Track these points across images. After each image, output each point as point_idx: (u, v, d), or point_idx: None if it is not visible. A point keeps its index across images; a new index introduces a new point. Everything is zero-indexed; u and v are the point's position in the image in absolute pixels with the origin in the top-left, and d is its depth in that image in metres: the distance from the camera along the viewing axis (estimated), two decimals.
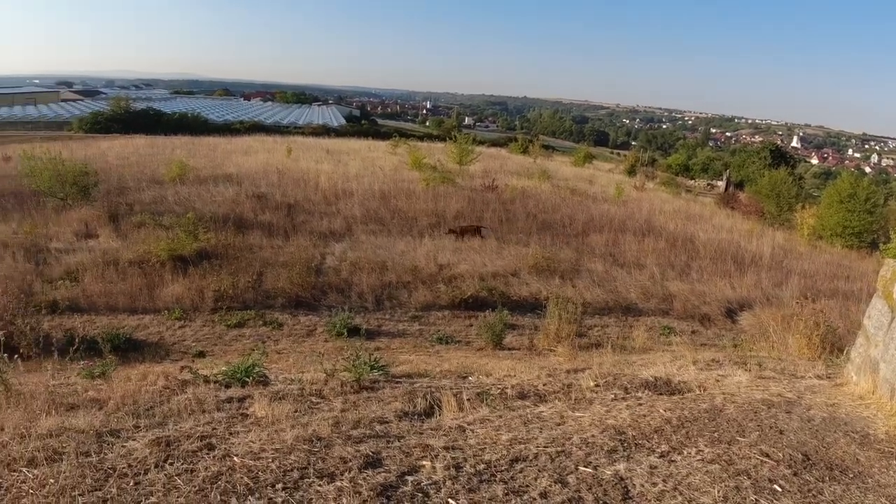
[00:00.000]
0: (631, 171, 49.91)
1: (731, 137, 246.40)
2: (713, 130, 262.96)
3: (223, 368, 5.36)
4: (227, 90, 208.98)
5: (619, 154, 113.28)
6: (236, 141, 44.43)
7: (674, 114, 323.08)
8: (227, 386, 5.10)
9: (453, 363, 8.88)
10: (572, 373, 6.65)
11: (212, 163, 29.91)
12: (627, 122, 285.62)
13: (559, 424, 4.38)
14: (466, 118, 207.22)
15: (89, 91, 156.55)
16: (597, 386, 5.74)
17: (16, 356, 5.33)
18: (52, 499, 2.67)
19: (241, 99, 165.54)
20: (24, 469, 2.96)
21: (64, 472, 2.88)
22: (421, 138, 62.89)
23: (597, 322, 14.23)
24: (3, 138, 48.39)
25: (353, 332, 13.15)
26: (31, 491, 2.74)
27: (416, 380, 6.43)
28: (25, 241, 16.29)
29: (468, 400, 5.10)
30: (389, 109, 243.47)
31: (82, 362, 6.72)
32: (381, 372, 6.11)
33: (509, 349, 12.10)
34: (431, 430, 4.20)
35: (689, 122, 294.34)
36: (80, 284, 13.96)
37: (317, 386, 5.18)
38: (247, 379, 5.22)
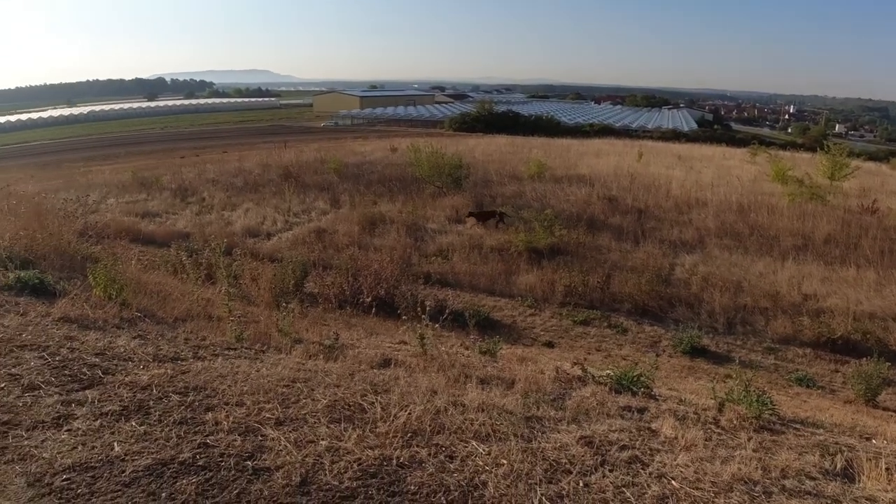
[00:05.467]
0: None
1: None
2: None
3: (608, 372, 5.21)
4: (579, 94, 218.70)
5: None
6: (587, 143, 45.63)
7: None
8: (617, 391, 4.95)
9: (839, 416, 7.91)
10: None
11: (565, 163, 31.19)
12: None
13: None
14: (837, 125, 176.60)
15: (458, 95, 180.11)
16: None
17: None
18: (509, 482, 2.68)
19: (592, 102, 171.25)
20: (472, 442, 3.06)
21: (513, 455, 2.91)
22: (783, 147, 56.16)
23: None
24: (389, 133, 58.80)
25: (699, 352, 12.31)
26: (486, 468, 2.79)
27: (811, 429, 5.63)
28: (407, 220, 19.29)
29: (887, 469, 4.32)
30: (746, 114, 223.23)
31: (475, 336, 7.30)
32: (771, 411, 5.38)
33: (884, 409, 10.24)
34: (866, 499, 3.63)
35: None
36: (449, 262, 15.92)
37: (710, 413, 4.72)
38: (634, 388, 5.00)
